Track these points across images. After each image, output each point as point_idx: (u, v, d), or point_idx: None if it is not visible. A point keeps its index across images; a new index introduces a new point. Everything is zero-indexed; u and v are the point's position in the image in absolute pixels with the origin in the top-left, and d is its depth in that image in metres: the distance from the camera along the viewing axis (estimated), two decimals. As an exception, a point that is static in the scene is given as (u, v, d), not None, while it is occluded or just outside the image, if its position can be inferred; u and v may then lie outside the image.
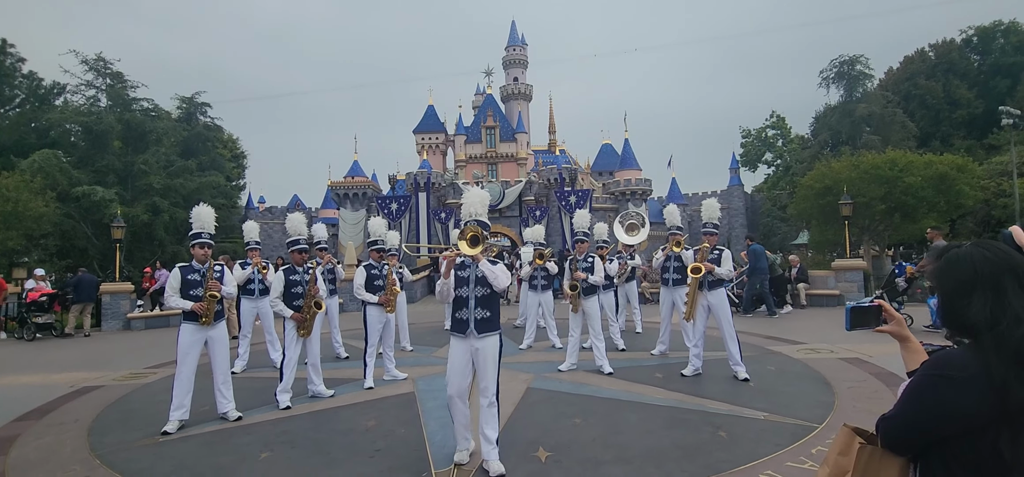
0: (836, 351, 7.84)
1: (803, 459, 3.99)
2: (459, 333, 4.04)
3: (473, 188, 4.25)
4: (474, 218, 4.09)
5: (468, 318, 4.00)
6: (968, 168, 19.03)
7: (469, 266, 4.01)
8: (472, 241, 3.84)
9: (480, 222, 4.07)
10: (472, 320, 3.99)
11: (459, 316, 4.03)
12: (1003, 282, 1.31)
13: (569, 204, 32.14)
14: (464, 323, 4.00)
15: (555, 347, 8.68)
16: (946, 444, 1.33)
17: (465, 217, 4.13)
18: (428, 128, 43.76)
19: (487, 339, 4.01)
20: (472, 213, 4.11)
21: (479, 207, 4.12)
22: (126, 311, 14.40)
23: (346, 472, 4.03)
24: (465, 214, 4.15)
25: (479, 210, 4.12)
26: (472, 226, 3.93)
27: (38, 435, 5.19)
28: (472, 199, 4.15)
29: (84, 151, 24.71)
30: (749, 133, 47.07)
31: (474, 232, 3.87)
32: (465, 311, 4.01)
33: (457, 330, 4.05)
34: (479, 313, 4.00)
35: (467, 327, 3.99)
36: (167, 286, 5.38)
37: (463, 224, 4.08)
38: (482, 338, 4.00)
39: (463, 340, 4.03)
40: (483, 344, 4.00)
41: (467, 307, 4.01)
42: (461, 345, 4.04)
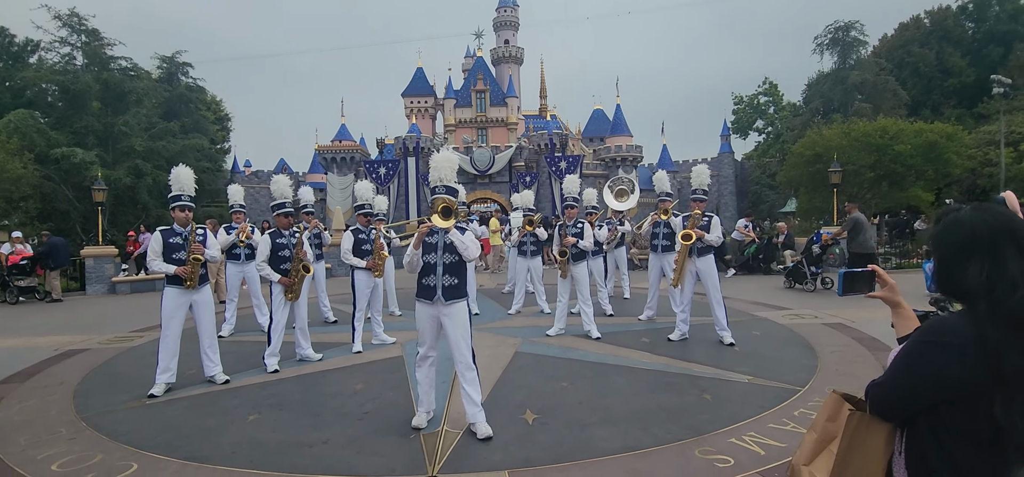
0: (820, 317, 7.97)
1: (785, 421, 4.07)
2: (426, 299, 4.03)
3: (440, 151, 4.17)
4: (443, 183, 4.03)
5: (436, 285, 3.98)
6: (957, 136, 19.14)
7: (437, 232, 3.98)
8: (444, 213, 3.84)
9: (449, 188, 4.03)
10: (440, 287, 3.98)
11: (426, 282, 4.01)
12: (1001, 247, 1.28)
13: (559, 170, 32.00)
14: (431, 289, 3.99)
15: (543, 312, 8.73)
16: (935, 411, 1.32)
17: (434, 182, 4.08)
18: (417, 91, 42.94)
19: (455, 306, 4.01)
20: (441, 178, 4.05)
21: (447, 172, 4.06)
22: (110, 275, 14.22)
23: (334, 434, 4.05)
24: (434, 179, 4.09)
25: (447, 175, 4.06)
26: (443, 198, 3.90)
27: (22, 398, 5.14)
28: (440, 163, 4.08)
29: (61, 112, 23.98)
30: (741, 100, 46.84)
31: (445, 203, 3.86)
32: (433, 278, 3.99)
33: (424, 296, 4.04)
34: (447, 280, 3.99)
35: (434, 294, 3.99)
36: (148, 250, 5.28)
37: (433, 195, 4.04)
38: (449, 305, 3.99)
39: (430, 306, 4.03)
40: (451, 311, 4.00)
41: (434, 274, 3.99)
42: (427, 311, 4.05)
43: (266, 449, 3.82)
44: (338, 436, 4.02)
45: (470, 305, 8.45)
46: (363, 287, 6.75)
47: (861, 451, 1.48)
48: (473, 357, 4.06)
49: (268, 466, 3.54)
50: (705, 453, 3.58)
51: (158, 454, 3.77)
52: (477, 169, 33.70)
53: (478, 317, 8.65)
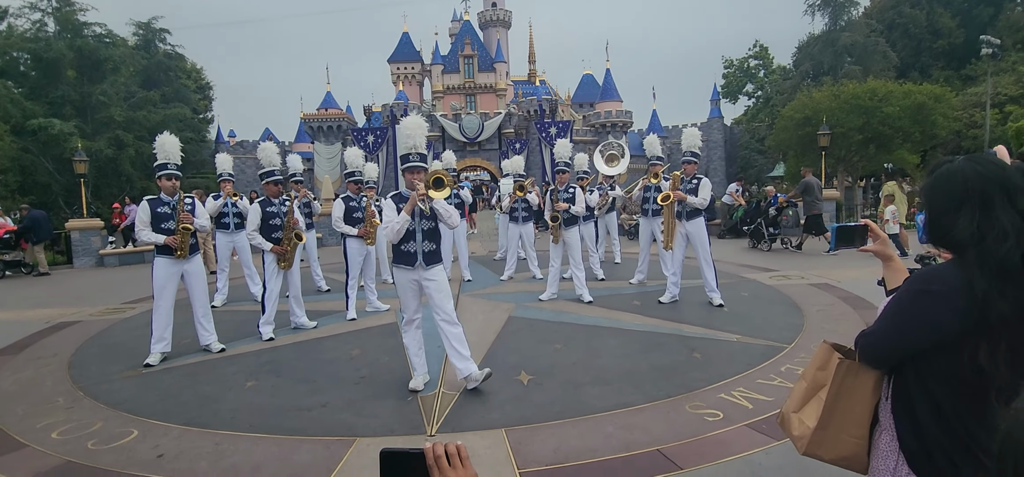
0: (807, 277, 8.12)
1: (772, 376, 4.19)
2: (406, 265, 4.09)
3: (408, 116, 4.19)
4: (416, 150, 4.08)
5: (416, 251, 4.06)
6: (945, 97, 19.24)
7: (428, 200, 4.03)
8: (437, 184, 3.90)
9: (421, 155, 4.09)
10: (420, 252, 4.06)
11: (406, 248, 4.07)
12: (992, 197, 1.30)
13: (549, 136, 31.78)
14: (412, 256, 4.06)
15: (535, 278, 8.80)
16: (922, 357, 1.36)
17: (405, 149, 4.10)
18: (403, 57, 42.06)
19: (434, 269, 4.12)
20: (413, 145, 4.08)
21: (420, 138, 4.11)
22: (97, 247, 14.03)
23: (333, 398, 4.11)
24: (407, 147, 4.11)
25: (420, 141, 4.11)
26: (437, 170, 3.97)
27: (16, 370, 5.13)
28: (412, 129, 4.11)
29: (35, 81, 23.25)
30: (731, 64, 46.49)
31: (438, 175, 3.92)
32: (412, 244, 4.06)
33: (404, 262, 4.09)
34: (426, 246, 4.08)
35: (415, 260, 4.06)
36: (136, 220, 5.21)
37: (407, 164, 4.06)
38: (429, 270, 4.09)
39: (410, 272, 4.10)
40: (430, 274, 4.09)
41: (414, 240, 4.06)
42: (407, 276, 4.11)
43: (266, 413, 3.87)
44: (336, 400, 4.08)
45: (464, 271, 8.48)
46: (355, 255, 6.75)
47: (849, 397, 1.54)
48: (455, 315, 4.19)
49: (269, 429, 3.60)
50: (695, 408, 3.69)
51: (158, 420, 3.81)
52: (466, 136, 33.38)
53: (470, 284, 8.71)
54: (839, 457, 1.57)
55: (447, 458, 0.91)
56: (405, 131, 4.11)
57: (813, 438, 1.56)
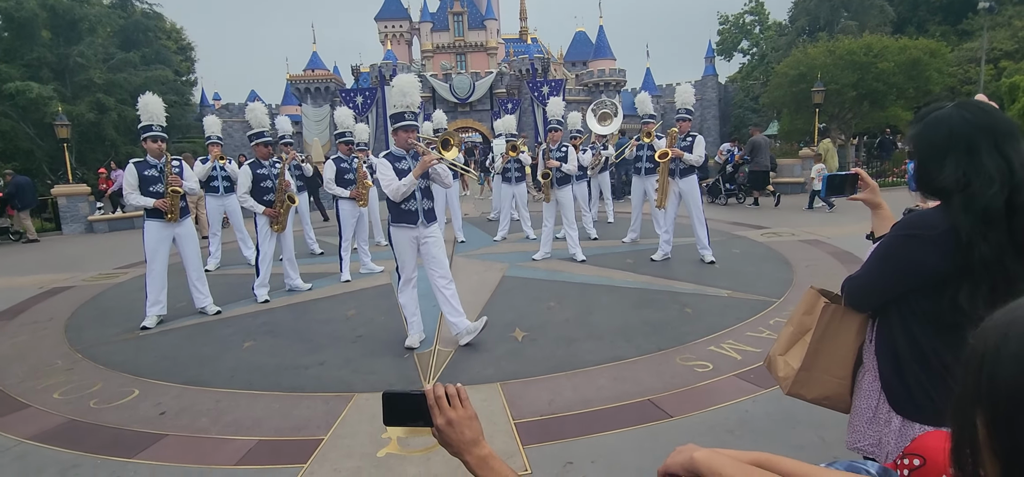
0: (797, 234, 8.22)
1: (761, 329, 4.29)
2: (408, 224, 4.14)
3: (399, 75, 4.16)
4: (409, 109, 4.08)
5: (417, 210, 4.12)
6: (940, 52, 19.11)
7: (407, 158, 4.10)
8: (445, 144, 3.99)
9: (414, 113, 4.10)
10: (421, 211, 4.13)
11: (407, 208, 4.12)
12: (977, 142, 1.31)
13: (542, 95, 31.33)
14: (413, 214, 4.12)
15: (529, 238, 8.84)
16: (905, 299, 1.40)
17: (399, 108, 4.09)
18: (391, 15, 40.89)
19: (432, 227, 4.21)
20: (408, 104, 4.08)
21: (413, 96, 4.10)
22: (86, 214, 13.87)
23: (330, 356, 4.17)
24: (400, 104, 4.09)
25: (413, 99, 4.10)
26: (447, 132, 4.06)
27: (12, 334, 5.15)
28: (404, 87, 4.09)
29: (8, 42, 22.44)
30: (726, 19, 45.68)
31: (446, 137, 4.01)
32: (413, 202, 4.11)
33: (406, 221, 4.14)
34: (425, 204, 4.17)
35: (417, 218, 4.13)
36: (124, 184, 5.15)
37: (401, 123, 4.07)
38: (429, 227, 4.18)
39: (411, 230, 4.15)
40: (430, 232, 4.19)
41: (414, 199, 4.10)
42: (408, 234, 4.17)
43: (264, 372, 3.93)
44: (334, 358, 4.14)
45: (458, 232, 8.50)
46: (348, 217, 6.73)
47: (833, 339, 1.59)
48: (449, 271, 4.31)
49: (268, 386, 3.67)
50: (685, 360, 3.79)
51: (157, 380, 3.86)
52: (457, 97, 32.85)
53: (464, 245, 8.74)
54: (822, 396, 1.63)
55: (447, 399, 0.94)
56: (399, 89, 4.05)
57: (797, 378, 1.62)
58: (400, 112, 4.08)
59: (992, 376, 0.49)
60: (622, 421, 3.02)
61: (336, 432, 3.04)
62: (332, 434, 3.02)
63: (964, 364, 0.52)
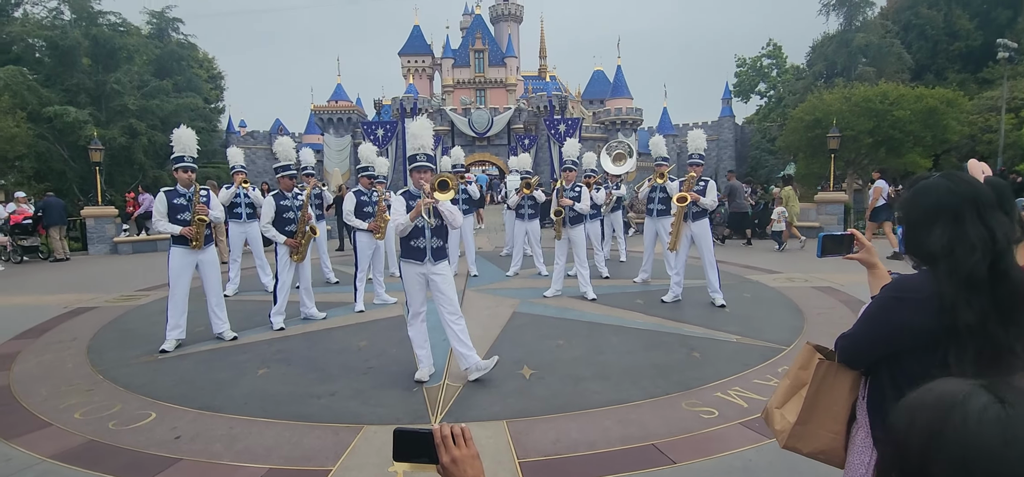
0: (809, 280, 8.17)
1: (769, 377, 4.28)
2: (415, 260, 4.26)
3: (415, 119, 4.37)
4: (423, 151, 4.24)
5: (425, 247, 4.23)
6: (957, 102, 19.06)
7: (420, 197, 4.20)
8: (442, 186, 4.06)
9: (429, 156, 4.26)
10: (429, 249, 4.23)
11: (415, 244, 4.24)
12: (963, 212, 1.40)
13: (558, 133, 31.79)
14: (421, 252, 4.23)
15: (541, 274, 8.91)
16: (896, 359, 1.46)
17: (413, 150, 4.27)
18: (414, 50, 42.18)
19: (441, 265, 4.30)
20: (420, 146, 4.25)
21: (425, 139, 4.26)
22: (112, 235, 14.33)
23: (341, 387, 4.26)
24: (413, 147, 4.27)
25: (426, 141, 4.27)
26: (443, 174, 4.15)
27: (38, 352, 5.33)
28: (417, 130, 4.28)
29: (51, 69, 23.58)
30: (744, 62, 46.15)
31: (444, 178, 4.09)
32: (421, 240, 4.23)
33: (413, 257, 4.26)
34: (435, 243, 4.25)
35: (424, 256, 4.23)
36: (154, 211, 5.38)
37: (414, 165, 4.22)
38: (437, 265, 4.26)
39: (419, 266, 4.26)
40: (438, 269, 4.27)
41: (423, 237, 4.23)
42: (415, 271, 4.27)
43: (277, 400, 4.02)
44: (345, 389, 4.22)
45: (471, 266, 8.61)
46: (365, 248, 6.89)
47: (828, 395, 1.65)
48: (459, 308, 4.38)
49: (280, 414, 3.75)
50: (691, 405, 3.80)
51: (174, 404, 3.97)
52: (475, 131, 33.46)
53: (476, 279, 8.84)
54: (817, 450, 1.68)
55: (453, 438, 1.03)
56: (412, 132, 4.27)
57: (793, 432, 1.67)
58: (413, 154, 4.27)
59: (904, 449, 0.57)
60: (626, 465, 3.04)
61: (344, 463, 3.10)
62: (340, 465, 3.08)
63: (883, 441, 0.61)
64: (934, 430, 0.60)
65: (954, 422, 0.61)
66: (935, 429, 0.61)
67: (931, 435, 0.60)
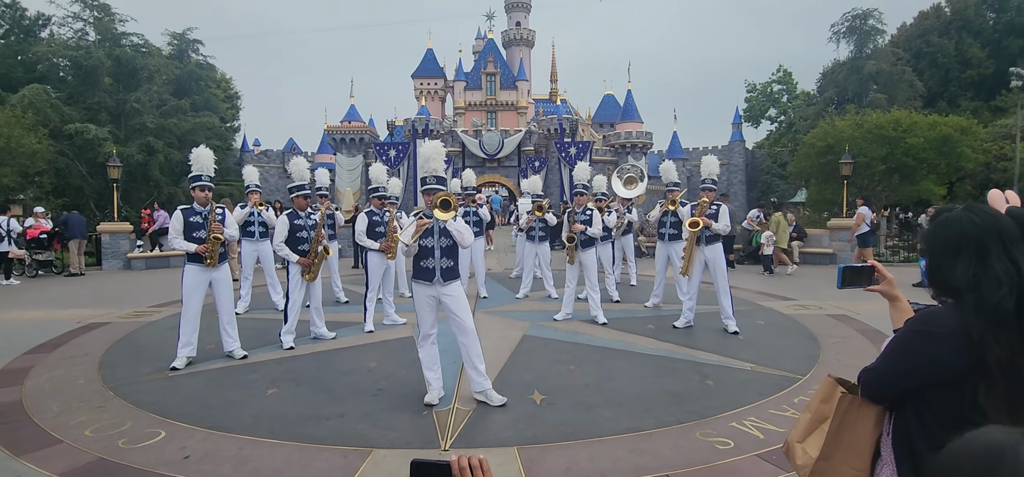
0: (825, 308, 8.05)
1: (785, 407, 4.19)
2: (425, 281, 4.26)
3: (426, 141, 4.42)
4: (433, 174, 4.27)
5: (434, 267, 4.23)
6: (971, 130, 18.92)
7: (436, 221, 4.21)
8: (444, 206, 4.06)
9: (439, 178, 4.28)
10: (438, 269, 4.23)
11: (425, 265, 4.25)
12: (988, 245, 1.37)
13: (569, 155, 31.88)
14: (430, 272, 4.23)
15: (551, 297, 8.86)
16: (921, 395, 1.42)
17: (424, 173, 4.32)
18: (427, 73, 42.84)
19: (451, 285, 4.28)
20: (431, 169, 4.29)
21: (436, 162, 4.31)
22: (126, 251, 14.51)
23: (350, 408, 4.23)
24: (424, 170, 4.33)
25: (437, 165, 4.31)
26: (445, 193, 4.13)
27: (50, 367, 5.36)
28: (428, 153, 4.32)
29: (74, 87, 24.20)
30: (754, 87, 46.31)
31: (445, 197, 4.08)
32: (430, 260, 4.23)
33: (422, 278, 4.27)
34: (444, 263, 4.24)
35: (433, 276, 4.23)
36: (170, 228, 5.44)
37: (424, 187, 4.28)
38: (447, 285, 4.25)
39: (428, 287, 4.26)
40: (448, 290, 4.26)
41: (433, 257, 4.23)
42: (426, 291, 4.28)
43: (286, 421, 4.00)
44: (353, 410, 4.19)
45: (481, 288, 8.59)
46: (376, 268, 6.91)
47: (851, 430, 1.60)
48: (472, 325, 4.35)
49: (288, 436, 3.73)
50: (706, 435, 3.72)
51: (183, 423, 3.96)
52: (486, 153, 33.67)
53: (486, 301, 8.81)
54: None
55: (471, 471, 1.01)
56: (423, 155, 4.33)
57: (816, 468, 1.62)
58: (424, 177, 4.32)
59: None
60: (639, 496, 2.97)
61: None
62: (348, 490, 3.04)
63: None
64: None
65: (1005, 473, 0.58)
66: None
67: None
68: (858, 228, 11.94)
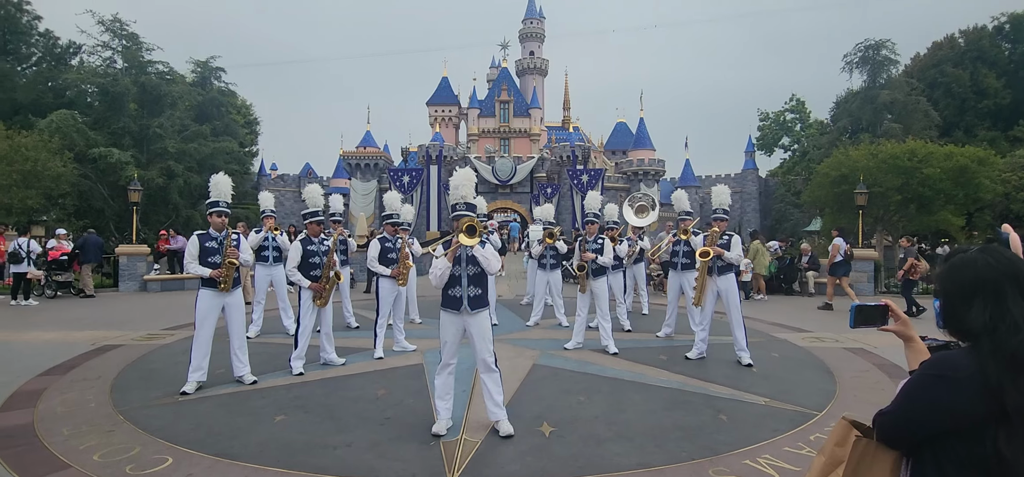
0: (841, 340, 7.88)
1: (801, 445, 4.08)
2: (453, 309, 4.26)
3: (458, 169, 4.46)
4: (463, 200, 4.30)
5: (462, 296, 4.22)
6: (989, 161, 18.65)
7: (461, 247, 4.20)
8: (469, 231, 4.07)
9: (468, 205, 4.31)
10: (465, 297, 4.22)
11: (453, 293, 4.25)
12: (1004, 289, 1.35)
13: (581, 183, 32.00)
14: (458, 300, 4.23)
15: (561, 325, 8.80)
16: (939, 441, 1.38)
17: (454, 200, 4.35)
18: (442, 100, 43.56)
19: (479, 314, 4.27)
20: (462, 196, 4.32)
21: (467, 189, 4.35)
22: (142, 273, 14.73)
23: (357, 437, 4.19)
24: (455, 197, 4.36)
25: (467, 192, 4.35)
26: (469, 217, 4.16)
27: (63, 390, 5.41)
28: (461, 181, 4.37)
29: (100, 113, 24.95)
30: (767, 116, 46.26)
31: (470, 223, 4.10)
32: (458, 289, 4.23)
33: (450, 307, 4.27)
34: (472, 291, 4.24)
35: (461, 304, 4.22)
36: (186, 253, 5.53)
37: (454, 214, 4.30)
38: (475, 313, 4.25)
39: (456, 316, 4.26)
40: (476, 319, 4.25)
41: (460, 285, 4.23)
42: (453, 320, 4.28)
43: (292, 449, 3.97)
44: (360, 440, 4.16)
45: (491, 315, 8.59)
46: (387, 295, 6.92)
47: (867, 475, 1.55)
48: (495, 360, 4.32)
49: (294, 466, 3.70)
50: (719, 473, 3.62)
51: (191, 449, 3.95)
52: (498, 179, 33.91)
53: (497, 327, 8.76)
54: None
55: None
56: (455, 183, 4.38)
57: (830, 514, 1.57)
58: (454, 203, 4.36)
59: None
60: (650, 537, 2.88)
61: (357, 520, 3.01)
62: (353, 522, 2.99)
63: None
64: None
65: None
66: None
67: None
68: (833, 258, 12.25)
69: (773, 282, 14.48)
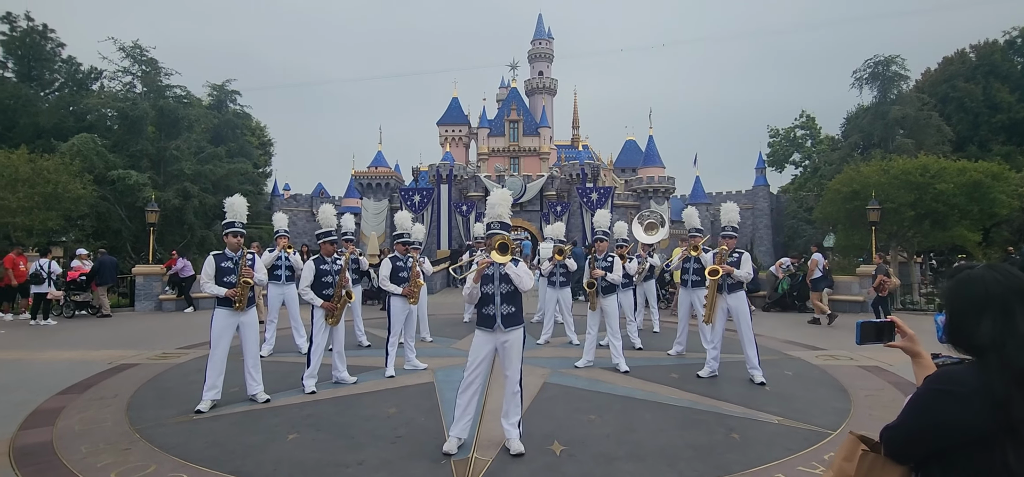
0: (855, 358, 7.78)
1: (814, 465, 4.03)
2: (486, 328, 4.28)
3: (497, 188, 4.51)
4: (499, 220, 4.35)
5: (495, 314, 4.24)
6: (1004, 175, 18.41)
7: (494, 265, 4.25)
8: (501, 249, 4.11)
9: (504, 224, 4.35)
10: (499, 316, 4.24)
11: (486, 312, 4.27)
12: (1012, 306, 1.36)
13: (590, 201, 32.06)
14: (491, 318, 4.25)
15: (572, 343, 8.78)
16: (946, 456, 1.39)
17: (490, 219, 4.40)
18: (452, 120, 44.04)
19: (513, 332, 4.27)
20: (497, 215, 4.37)
21: (503, 209, 4.39)
22: (158, 293, 14.95)
23: (369, 456, 4.22)
24: (491, 216, 4.41)
25: (503, 211, 4.39)
26: (501, 235, 4.21)
27: (81, 408, 5.50)
28: (497, 200, 4.42)
29: (119, 136, 25.59)
30: (777, 132, 46.20)
31: (503, 240, 4.14)
32: (492, 307, 4.25)
33: (484, 325, 4.29)
34: (505, 309, 4.25)
35: (494, 322, 4.24)
36: (202, 273, 5.64)
37: (488, 232, 4.36)
38: (508, 331, 4.26)
39: (490, 334, 4.28)
40: (509, 337, 4.26)
41: (494, 303, 4.25)
42: (487, 338, 4.29)
43: (305, 468, 4.00)
44: (372, 458, 4.18)
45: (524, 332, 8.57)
46: (398, 313, 6.98)
47: (874, 492, 1.55)
48: (520, 379, 4.34)
49: (307, 484, 3.73)
50: (732, 493, 3.59)
51: (205, 467, 4.00)
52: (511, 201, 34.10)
53: (507, 346, 8.76)
54: None
55: None
56: (491, 202, 4.45)
57: (839, 528, 1.57)
58: (490, 222, 4.43)
59: None
60: (661, 557, 2.87)
61: (369, 539, 3.03)
62: (365, 540, 3.01)
63: None
64: None
65: None
66: None
67: None
68: (812, 273, 12.58)
69: (785, 299, 14.33)
